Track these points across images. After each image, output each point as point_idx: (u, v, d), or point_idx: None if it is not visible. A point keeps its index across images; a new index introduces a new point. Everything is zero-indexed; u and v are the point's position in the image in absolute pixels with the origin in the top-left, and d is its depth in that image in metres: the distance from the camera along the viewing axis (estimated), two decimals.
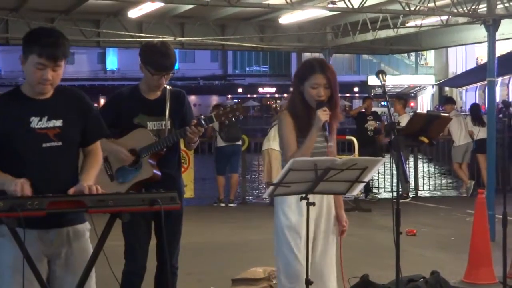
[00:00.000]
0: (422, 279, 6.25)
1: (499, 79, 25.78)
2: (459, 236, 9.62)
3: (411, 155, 15.11)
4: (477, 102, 23.13)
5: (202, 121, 4.85)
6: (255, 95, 64.11)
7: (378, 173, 15.35)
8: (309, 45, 16.68)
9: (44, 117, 3.78)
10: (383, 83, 4.59)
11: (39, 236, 3.75)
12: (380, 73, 4.60)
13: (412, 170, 15.17)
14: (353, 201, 12.56)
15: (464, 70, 44.41)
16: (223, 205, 13.65)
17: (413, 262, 7.82)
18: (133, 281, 5.00)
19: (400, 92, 54.04)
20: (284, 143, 4.65)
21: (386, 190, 15.69)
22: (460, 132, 14.42)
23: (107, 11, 14.07)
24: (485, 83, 11.87)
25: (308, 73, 4.64)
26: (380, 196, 14.89)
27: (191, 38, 15.08)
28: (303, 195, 4.21)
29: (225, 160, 13.61)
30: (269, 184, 4.28)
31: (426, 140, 13.21)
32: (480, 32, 12.41)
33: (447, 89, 50.40)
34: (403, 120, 13.09)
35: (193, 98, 58.90)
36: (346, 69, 57.25)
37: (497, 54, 11.21)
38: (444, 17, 12.47)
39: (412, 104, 58.35)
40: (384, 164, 12.94)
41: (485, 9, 10.78)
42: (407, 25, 13.92)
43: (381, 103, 50.70)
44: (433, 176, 18.05)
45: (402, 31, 14.13)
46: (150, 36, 13.53)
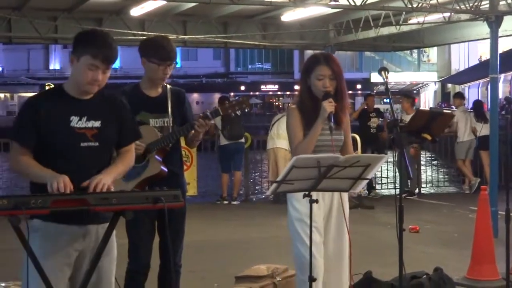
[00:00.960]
0: (425, 275, 6.25)
1: (501, 76, 25.76)
2: (462, 232, 9.62)
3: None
4: (479, 98, 23.11)
5: (208, 114, 4.89)
6: (257, 93, 64.06)
7: (380, 170, 15.35)
8: (311, 43, 16.66)
9: (83, 117, 3.86)
10: (385, 80, 4.60)
11: (72, 231, 3.80)
12: (382, 70, 4.61)
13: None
14: (356, 198, 12.56)
15: (466, 67, 44.35)
16: (226, 202, 13.66)
17: (416, 259, 7.83)
18: (137, 280, 5.01)
19: (403, 89, 54.05)
20: (291, 135, 4.80)
21: (390, 187, 15.71)
22: (465, 128, 14.42)
23: (109, 10, 14.07)
24: (487, 79, 11.86)
25: (313, 65, 4.77)
26: (385, 193, 14.90)
27: (193, 36, 15.08)
28: (306, 193, 4.23)
29: (229, 158, 13.61)
30: (273, 182, 4.30)
31: (429, 137, 13.23)
32: (482, 28, 12.39)
33: (449, 86, 50.32)
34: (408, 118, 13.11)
35: (195, 96, 58.90)
36: (348, 66, 57.14)
37: (500, 51, 11.20)
38: (447, 14, 12.46)
39: (415, 101, 58.29)
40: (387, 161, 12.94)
41: (488, 5, 10.77)
42: (409, 22, 13.90)
43: (384, 100, 50.67)
44: (437, 172, 18.03)
45: (405, 28, 14.11)
46: (153, 34, 13.49)
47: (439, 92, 54.66)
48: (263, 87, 63.99)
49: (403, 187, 13.31)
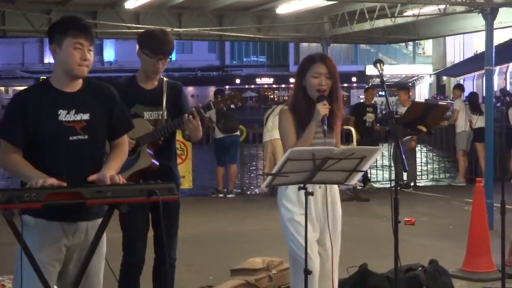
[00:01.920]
0: (420, 268, 6.25)
1: (497, 68, 25.78)
2: (458, 224, 9.63)
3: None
4: (475, 91, 23.12)
5: (200, 109, 4.87)
6: (252, 86, 64.04)
7: (376, 163, 15.36)
8: (306, 35, 16.65)
9: (71, 110, 3.82)
10: (381, 72, 4.58)
11: (62, 228, 3.78)
12: (377, 62, 4.58)
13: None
14: (351, 191, 12.57)
15: (462, 59, 44.38)
16: (221, 195, 13.66)
17: (411, 251, 7.84)
18: (132, 273, 4.99)
19: (399, 81, 54.05)
20: (284, 138, 4.75)
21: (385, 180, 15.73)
22: (466, 118, 14.44)
23: (103, 3, 14.04)
24: (483, 72, 11.85)
25: (309, 63, 4.73)
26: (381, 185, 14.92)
27: (188, 29, 15.05)
28: (301, 185, 4.22)
29: (224, 151, 13.60)
30: (268, 174, 4.28)
31: (424, 129, 13.28)
32: (478, 21, 12.37)
33: (444, 78, 50.39)
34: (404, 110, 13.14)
35: (190, 89, 58.80)
36: (343, 59, 57.14)
37: (495, 43, 11.19)
38: (442, 6, 12.45)
39: (409, 93, 58.34)
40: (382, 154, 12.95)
41: None
42: (404, 14, 13.89)
43: (379, 92, 50.67)
44: (432, 164, 18.05)
45: (400, 20, 14.11)
46: (147, 27, 13.44)
47: (434, 85, 54.74)
48: (258, 80, 63.97)
49: (398, 179, 13.34)
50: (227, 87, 55.84)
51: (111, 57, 62.84)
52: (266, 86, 65.62)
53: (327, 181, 4.40)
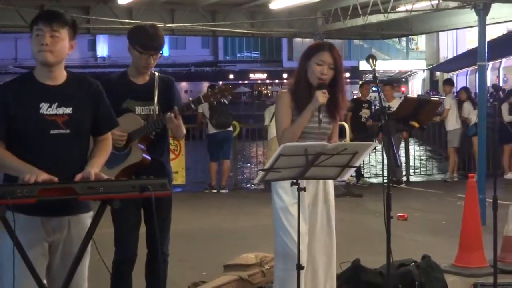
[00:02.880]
0: (413, 263, 6.26)
1: (489, 64, 25.78)
2: (450, 220, 9.65)
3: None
4: (467, 86, 23.15)
5: (191, 103, 4.86)
6: (246, 81, 64.02)
7: (369, 157, 15.38)
8: (299, 31, 16.65)
9: (54, 103, 3.77)
10: (373, 68, 4.58)
11: (41, 223, 3.74)
12: (370, 57, 4.57)
13: (403, 154, 15.23)
14: (344, 186, 12.58)
15: (455, 55, 44.40)
16: (214, 191, 13.66)
17: (404, 247, 7.85)
18: (124, 269, 4.98)
19: (392, 77, 54.09)
20: (278, 120, 4.75)
21: (378, 175, 15.75)
22: (456, 115, 14.44)
23: None
24: (475, 67, 11.87)
25: (316, 50, 4.73)
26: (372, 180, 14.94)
27: (181, 24, 15.02)
28: (294, 181, 4.22)
29: (217, 146, 13.59)
30: (260, 170, 4.28)
31: (416, 125, 13.24)
32: (470, 16, 12.39)
33: (438, 74, 50.38)
34: (394, 105, 13.11)
35: (184, 85, 58.74)
36: None
37: (488, 39, 11.21)
38: (435, 2, 12.46)
39: (403, 89, 58.33)
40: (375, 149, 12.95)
41: None
42: (397, 9, 13.90)
43: (372, 88, 50.66)
44: (424, 160, 18.07)
45: (393, 15, 14.12)
46: (140, 22, 13.39)
47: (427, 80, 54.74)
48: (251, 76, 63.95)
49: (390, 175, 13.32)
50: (221, 82, 55.78)
51: (104, 52, 62.69)
52: (259, 81, 65.61)
53: (320, 176, 4.40)
